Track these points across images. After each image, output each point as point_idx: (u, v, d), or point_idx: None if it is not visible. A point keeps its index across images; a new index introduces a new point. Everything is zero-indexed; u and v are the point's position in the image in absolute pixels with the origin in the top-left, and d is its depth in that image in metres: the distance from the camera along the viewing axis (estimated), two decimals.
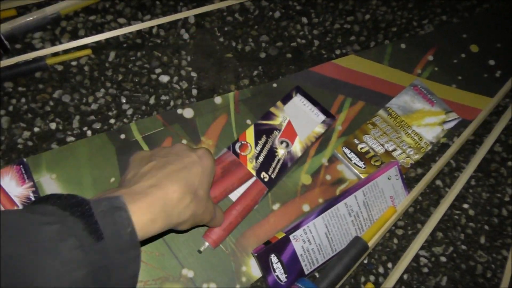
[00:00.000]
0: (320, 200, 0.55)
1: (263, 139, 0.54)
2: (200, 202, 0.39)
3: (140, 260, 0.33)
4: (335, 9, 0.71)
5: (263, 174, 0.52)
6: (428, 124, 0.62)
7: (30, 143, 0.55)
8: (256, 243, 0.51)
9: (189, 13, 0.66)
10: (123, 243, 0.31)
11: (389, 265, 0.55)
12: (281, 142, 0.55)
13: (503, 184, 0.62)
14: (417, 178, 0.59)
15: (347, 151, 0.58)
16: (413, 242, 0.56)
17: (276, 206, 0.54)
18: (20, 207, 0.48)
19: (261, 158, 0.53)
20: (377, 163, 0.57)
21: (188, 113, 0.58)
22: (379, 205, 0.54)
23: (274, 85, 0.62)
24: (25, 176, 0.50)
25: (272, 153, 0.54)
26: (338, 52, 0.67)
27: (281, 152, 0.54)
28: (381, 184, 0.54)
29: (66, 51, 0.61)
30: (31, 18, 0.60)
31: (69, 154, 0.54)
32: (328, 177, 0.57)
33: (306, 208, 0.54)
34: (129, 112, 0.58)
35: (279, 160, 0.54)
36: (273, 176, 0.52)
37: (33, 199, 0.49)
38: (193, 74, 0.62)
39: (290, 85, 0.62)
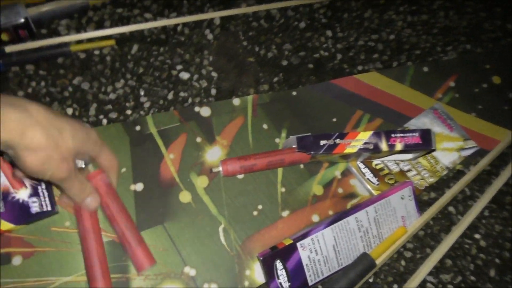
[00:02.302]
0: (330, 212, 0.54)
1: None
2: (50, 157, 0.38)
3: None
4: (360, 26, 0.71)
5: None
6: (446, 149, 0.61)
7: None
8: (262, 247, 0.50)
9: (215, 15, 0.66)
10: None
11: (395, 286, 0.53)
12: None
13: None
14: (429, 202, 0.58)
15: (361, 166, 0.57)
16: (421, 266, 0.54)
17: (285, 213, 0.53)
18: (28, 186, 0.48)
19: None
20: (391, 181, 0.56)
21: (205, 111, 0.58)
22: (389, 224, 0.52)
23: (294, 93, 0.62)
24: None
25: None
26: (360, 68, 0.67)
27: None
28: (393, 202, 0.52)
29: (90, 40, 0.61)
30: (60, 5, 0.61)
31: None
32: (340, 190, 0.56)
33: (315, 218, 0.53)
34: (147, 105, 0.58)
35: None
36: None
37: None
38: (214, 74, 0.62)
39: (309, 94, 0.61)
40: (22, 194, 0.48)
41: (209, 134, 0.56)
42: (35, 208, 0.47)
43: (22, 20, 0.58)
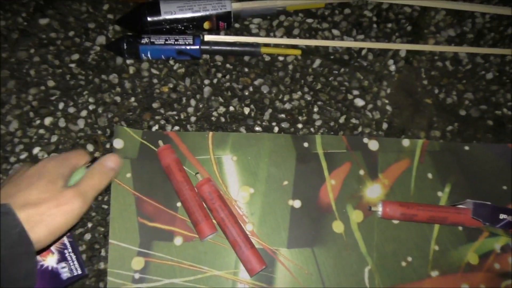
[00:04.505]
0: (482, 286, 0.51)
1: None
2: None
3: (34, 259, 0.36)
4: None
5: None
6: None
7: (222, 119, 0.58)
8: None
9: (402, 46, 0.64)
10: (12, 241, 0.34)
11: None
12: None
13: None
14: None
15: None
16: None
17: (434, 273, 0.51)
18: (55, 252, 0.48)
19: None
20: None
21: (373, 145, 0.57)
22: None
23: (466, 147, 0.58)
24: None
25: None
26: None
27: None
28: None
29: (276, 45, 0.63)
30: (262, 5, 0.63)
31: (254, 143, 0.56)
32: (497, 266, 0.52)
33: None
34: (318, 123, 0.59)
35: None
36: None
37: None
38: (388, 107, 0.61)
39: (483, 153, 0.58)
40: (50, 260, 0.47)
41: (372, 169, 0.56)
42: (65, 274, 0.47)
43: (226, 12, 0.61)
